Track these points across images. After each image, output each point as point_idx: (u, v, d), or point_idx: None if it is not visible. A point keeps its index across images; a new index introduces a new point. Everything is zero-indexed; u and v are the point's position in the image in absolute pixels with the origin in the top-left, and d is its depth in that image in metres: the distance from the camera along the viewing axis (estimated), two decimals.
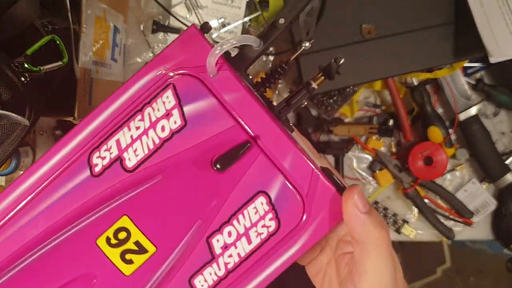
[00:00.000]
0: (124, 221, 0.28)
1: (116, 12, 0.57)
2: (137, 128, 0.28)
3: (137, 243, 0.28)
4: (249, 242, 0.28)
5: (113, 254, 0.28)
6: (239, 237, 0.28)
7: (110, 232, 0.28)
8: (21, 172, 0.66)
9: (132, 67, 0.65)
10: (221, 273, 0.28)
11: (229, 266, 0.28)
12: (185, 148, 0.28)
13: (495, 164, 0.63)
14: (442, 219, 0.66)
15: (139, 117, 0.28)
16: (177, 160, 0.28)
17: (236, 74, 0.28)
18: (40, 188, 0.28)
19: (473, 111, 0.63)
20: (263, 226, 0.28)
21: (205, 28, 0.29)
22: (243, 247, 0.28)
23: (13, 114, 0.37)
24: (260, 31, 0.63)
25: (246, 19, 0.61)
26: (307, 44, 0.32)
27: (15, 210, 0.28)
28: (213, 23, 0.62)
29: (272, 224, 0.28)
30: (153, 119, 0.28)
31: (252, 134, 0.28)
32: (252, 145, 0.27)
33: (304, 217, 0.28)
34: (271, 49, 0.64)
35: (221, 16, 0.61)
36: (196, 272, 0.28)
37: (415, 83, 0.64)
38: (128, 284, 0.28)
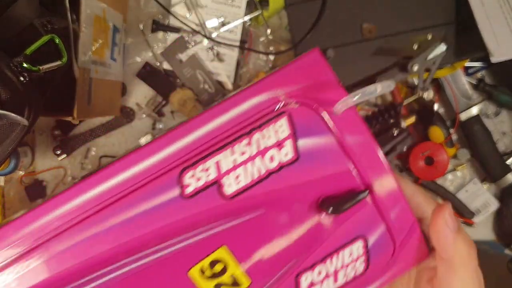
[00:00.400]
0: (222, 252, 0.25)
1: (115, 11, 0.57)
2: (242, 153, 0.25)
3: (233, 276, 0.25)
4: (335, 281, 0.27)
5: (206, 287, 0.25)
6: (327, 276, 0.27)
7: (205, 263, 0.25)
8: (21, 172, 0.65)
9: (132, 67, 0.65)
10: None
11: None
12: (293, 184, 0.25)
13: (496, 164, 0.63)
14: None
15: (245, 141, 0.25)
16: (283, 195, 0.25)
17: (359, 115, 0.26)
18: (116, 196, 0.24)
19: (474, 111, 0.63)
20: (353, 268, 0.27)
21: (328, 54, 0.27)
22: (328, 286, 0.27)
23: (12, 114, 0.37)
24: (260, 30, 0.63)
25: (246, 18, 0.61)
26: (425, 94, 0.34)
27: (82, 216, 0.24)
28: (213, 22, 0.61)
29: (361, 267, 0.27)
30: (262, 146, 0.25)
31: (367, 181, 0.26)
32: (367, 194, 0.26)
33: (390, 262, 0.28)
34: (271, 48, 0.64)
35: (221, 15, 0.61)
36: None
37: (416, 83, 0.63)
38: None
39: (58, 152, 0.65)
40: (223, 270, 0.25)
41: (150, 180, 0.24)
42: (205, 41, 0.62)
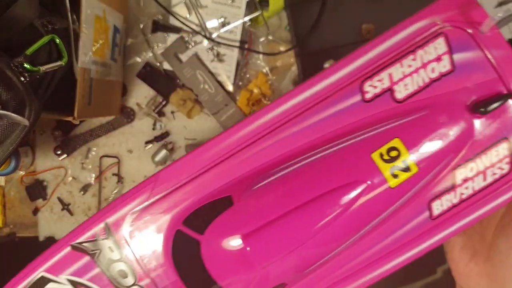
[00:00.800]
0: (396, 142, 0.32)
1: (116, 11, 0.57)
2: (409, 66, 0.32)
3: (404, 162, 0.32)
4: (484, 179, 0.32)
5: (384, 168, 0.32)
6: (478, 173, 0.32)
7: (383, 149, 0.32)
8: (21, 172, 0.66)
9: (132, 67, 0.65)
10: (455, 201, 0.33)
11: (463, 196, 0.32)
12: (450, 90, 0.31)
13: None
14: None
15: (411, 57, 0.31)
16: (442, 99, 0.31)
17: (501, 34, 0.32)
18: (311, 104, 0.32)
19: None
20: (499, 168, 0.32)
21: None
22: (479, 183, 0.32)
23: (13, 114, 0.37)
24: (260, 31, 0.63)
25: (246, 18, 0.61)
26: None
27: (284, 120, 0.33)
28: (213, 23, 0.62)
29: (506, 168, 0.32)
30: (425, 60, 0.31)
31: (510, 88, 0.31)
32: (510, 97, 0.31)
33: None
34: (271, 48, 0.64)
35: (221, 15, 0.61)
36: (436, 197, 0.33)
37: None
38: (390, 194, 0.33)
39: (59, 152, 0.65)
40: (397, 156, 0.32)
41: (337, 90, 0.32)
42: (205, 42, 0.62)
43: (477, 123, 0.32)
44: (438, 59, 0.31)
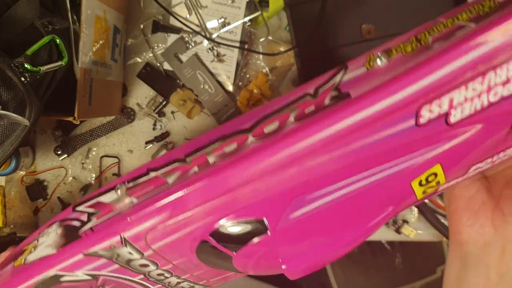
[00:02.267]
0: (437, 168, 0.30)
1: (116, 12, 0.57)
2: (474, 89, 0.27)
3: (437, 184, 0.31)
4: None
5: (419, 192, 0.31)
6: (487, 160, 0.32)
7: (423, 177, 0.30)
8: (22, 172, 0.66)
9: (132, 67, 0.65)
10: (460, 180, 0.33)
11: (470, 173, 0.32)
12: (504, 112, 0.28)
13: None
14: (442, 219, 0.66)
15: (479, 79, 0.27)
16: (494, 121, 0.29)
17: None
18: (361, 126, 0.29)
19: None
20: None
21: None
22: (487, 163, 0.32)
23: (13, 114, 0.37)
24: (260, 31, 0.63)
25: (246, 19, 0.61)
26: None
27: (340, 138, 0.29)
28: (213, 23, 0.62)
29: None
30: (491, 84, 0.27)
31: None
32: None
33: None
34: (271, 49, 0.64)
35: (221, 16, 0.61)
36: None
37: None
38: (414, 202, 0.32)
39: (59, 152, 0.65)
40: (433, 180, 0.31)
41: (391, 113, 0.28)
42: (205, 42, 0.63)
43: None
44: (507, 81, 0.27)
